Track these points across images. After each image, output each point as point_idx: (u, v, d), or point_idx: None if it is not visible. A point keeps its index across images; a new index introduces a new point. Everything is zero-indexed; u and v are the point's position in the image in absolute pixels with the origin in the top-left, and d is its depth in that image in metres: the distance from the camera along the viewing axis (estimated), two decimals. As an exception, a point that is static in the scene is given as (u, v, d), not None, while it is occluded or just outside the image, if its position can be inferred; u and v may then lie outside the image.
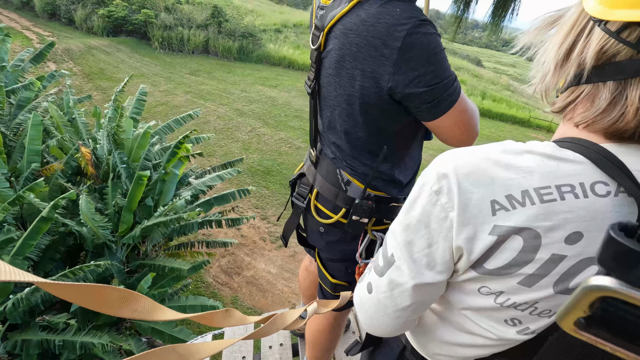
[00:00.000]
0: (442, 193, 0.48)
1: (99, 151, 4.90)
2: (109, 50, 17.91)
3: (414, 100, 0.82)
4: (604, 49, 0.43)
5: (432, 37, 0.77)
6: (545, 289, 0.47)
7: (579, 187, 0.43)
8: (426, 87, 0.79)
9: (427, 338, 0.68)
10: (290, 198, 1.22)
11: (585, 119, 0.46)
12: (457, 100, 0.83)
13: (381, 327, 0.61)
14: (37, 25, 19.91)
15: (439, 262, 0.52)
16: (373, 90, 0.84)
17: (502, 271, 0.48)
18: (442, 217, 0.49)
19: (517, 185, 0.44)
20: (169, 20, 19.81)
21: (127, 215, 4.20)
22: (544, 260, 0.45)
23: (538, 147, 0.46)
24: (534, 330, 0.52)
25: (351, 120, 0.93)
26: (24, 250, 3.24)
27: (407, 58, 0.77)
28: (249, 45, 20.28)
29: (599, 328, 0.32)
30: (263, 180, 9.45)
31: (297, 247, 7.37)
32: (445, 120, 0.84)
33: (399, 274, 0.55)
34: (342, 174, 1.01)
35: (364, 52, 0.81)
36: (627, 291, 0.28)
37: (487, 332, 0.56)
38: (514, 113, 19.95)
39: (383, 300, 0.58)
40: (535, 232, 0.44)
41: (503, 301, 0.50)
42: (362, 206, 0.97)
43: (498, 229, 0.45)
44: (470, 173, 0.47)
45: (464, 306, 0.56)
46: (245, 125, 12.41)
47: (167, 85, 14.98)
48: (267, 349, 1.78)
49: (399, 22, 0.76)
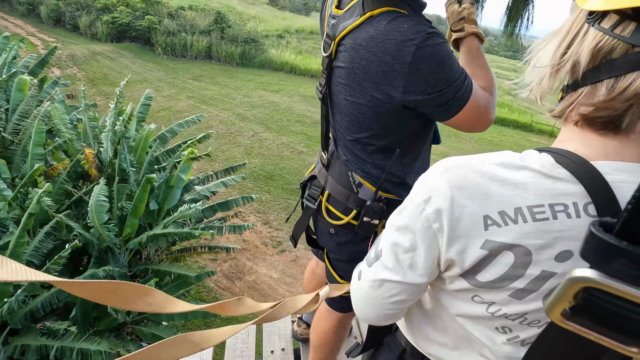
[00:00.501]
0: (430, 203, 0.49)
1: (103, 154, 4.93)
2: (112, 56, 18.07)
3: (427, 106, 0.85)
4: (599, 46, 0.44)
5: (441, 47, 0.80)
6: (535, 302, 0.48)
7: (572, 206, 0.43)
8: (438, 93, 0.81)
9: (424, 338, 0.69)
10: (301, 200, 1.25)
11: (583, 117, 0.47)
12: (470, 98, 0.85)
13: (368, 314, 0.64)
14: (42, 31, 20.15)
15: (421, 267, 0.54)
16: (385, 101, 0.87)
17: (493, 284, 0.48)
18: (426, 226, 0.50)
19: (510, 203, 0.45)
20: (172, 26, 20.00)
21: (132, 219, 4.19)
22: (534, 277, 0.46)
23: (535, 164, 0.46)
24: (524, 339, 0.53)
25: (362, 126, 0.96)
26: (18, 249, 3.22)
27: (418, 71, 0.79)
28: (251, 51, 20.44)
29: (583, 317, 0.34)
30: (265, 185, 9.46)
31: (298, 252, 7.36)
32: (459, 116, 0.87)
33: (382, 268, 0.58)
34: (353, 176, 1.04)
35: (374, 67, 0.84)
36: (606, 282, 0.31)
37: (479, 339, 0.57)
38: (516, 118, 19.92)
39: (367, 290, 0.61)
40: (526, 249, 0.45)
41: (494, 311, 0.51)
42: (374, 208, 1.00)
43: (490, 243, 0.46)
44: (464, 186, 0.47)
45: (458, 312, 0.57)
46: (247, 130, 12.46)
47: (170, 90, 15.08)
48: (269, 354, 1.77)
49: (407, 38, 0.79)
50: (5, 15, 21.53)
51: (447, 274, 0.53)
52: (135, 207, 4.15)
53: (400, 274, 0.56)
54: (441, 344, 0.65)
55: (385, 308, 0.61)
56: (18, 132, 4.92)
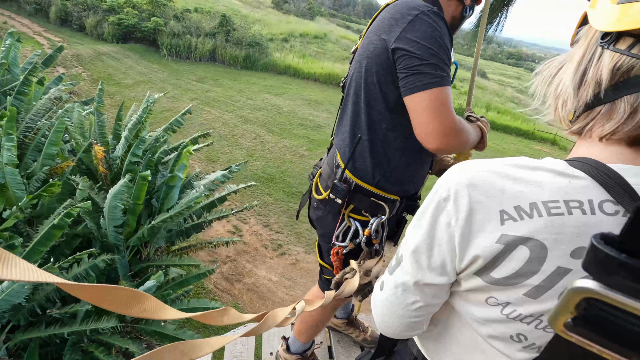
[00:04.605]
0: (450, 201, 0.51)
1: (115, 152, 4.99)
2: (117, 57, 18.21)
3: (405, 65, 0.94)
4: (617, 65, 0.46)
5: (438, 26, 0.92)
6: (550, 301, 0.48)
7: (587, 204, 0.44)
8: (418, 55, 0.91)
9: (438, 348, 0.68)
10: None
11: (606, 131, 0.49)
12: (437, 88, 0.91)
13: (390, 326, 0.64)
14: (48, 31, 20.33)
15: (440, 265, 0.54)
16: (380, 47, 0.99)
17: (508, 281, 0.49)
18: (446, 223, 0.51)
19: (526, 198, 0.46)
20: (177, 28, 20.15)
21: (130, 217, 4.23)
22: (550, 272, 0.46)
23: (550, 164, 0.48)
24: (540, 345, 0.53)
25: (355, 107, 1.10)
26: (34, 256, 3.25)
27: (414, 28, 0.92)
28: (255, 54, 20.56)
29: (584, 328, 0.35)
30: (266, 187, 9.48)
31: (298, 255, 7.35)
32: (420, 99, 0.93)
33: (403, 272, 0.59)
34: (336, 158, 1.17)
35: (386, 22, 0.98)
36: (606, 293, 0.31)
37: (495, 350, 0.57)
38: (518, 125, 19.95)
39: (390, 298, 0.62)
40: (541, 243, 0.45)
41: (509, 312, 0.51)
42: (337, 187, 1.12)
43: (505, 237, 0.47)
44: (481, 184, 0.49)
45: (473, 317, 0.57)
46: (250, 132, 12.51)
47: (173, 91, 15.17)
48: (268, 356, 1.77)
49: (416, 6, 0.94)
50: (12, 14, 21.75)
51: (464, 273, 0.54)
52: (134, 205, 4.20)
53: (419, 275, 0.56)
54: (454, 354, 0.64)
55: (408, 316, 0.61)
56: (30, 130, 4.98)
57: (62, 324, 3.23)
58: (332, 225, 1.20)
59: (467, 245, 0.50)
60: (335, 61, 22.06)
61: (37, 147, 4.66)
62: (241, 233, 7.73)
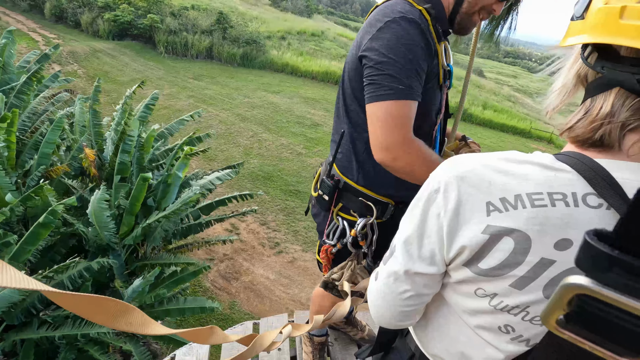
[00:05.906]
0: (440, 193, 0.53)
1: (105, 153, 4.94)
2: (113, 54, 18.07)
3: (366, 69, 0.94)
4: (578, 71, 0.50)
5: (406, 32, 0.89)
6: (535, 292, 0.49)
7: (571, 196, 0.45)
8: (377, 64, 0.90)
9: (429, 339, 0.69)
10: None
11: (566, 132, 0.52)
12: (390, 101, 0.89)
13: (383, 315, 0.66)
14: (43, 27, 20.12)
15: (429, 256, 0.56)
16: (354, 56, 1.00)
17: (495, 272, 0.50)
18: (436, 214, 0.53)
19: (511, 190, 0.47)
20: (174, 25, 20.00)
21: (128, 217, 4.20)
22: (534, 264, 0.47)
23: (538, 158, 0.49)
24: (528, 338, 0.54)
25: (340, 108, 1.12)
26: (22, 255, 3.22)
27: (380, 36, 0.92)
28: (252, 52, 20.45)
29: (577, 325, 0.35)
30: (263, 185, 9.46)
31: (295, 253, 7.35)
32: (374, 110, 0.92)
33: (395, 262, 0.60)
34: (330, 157, 1.20)
35: (365, 27, 0.99)
36: (598, 289, 0.31)
37: (484, 341, 0.58)
38: (515, 124, 20.00)
39: (382, 287, 0.64)
40: (525, 234, 0.46)
41: (496, 303, 0.53)
42: (325, 182, 1.13)
43: (490, 228, 0.48)
44: (470, 177, 0.50)
45: (463, 309, 0.59)
46: (247, 130, 12.47)
47: (170, 89, 15.08)
48: (264, 353, 1.77)
49: (391, 12, 0.93)
50: (7, 10, 21.51)
51: (453, 263, 0.55)
52: (132, 205, 4.16)
53: (409, 264, 0.58)
54: (444, 344, 0.66)
55: (400, 305, 0.62)
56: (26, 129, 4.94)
57: (54, 327, 3.21)
58: (324, 223, 1.22)
59: (454, 236, 0.52)
60: (332, 59, 21.97)
61: (34, 145, 4.62)
62: (238, 231, 7.72)
